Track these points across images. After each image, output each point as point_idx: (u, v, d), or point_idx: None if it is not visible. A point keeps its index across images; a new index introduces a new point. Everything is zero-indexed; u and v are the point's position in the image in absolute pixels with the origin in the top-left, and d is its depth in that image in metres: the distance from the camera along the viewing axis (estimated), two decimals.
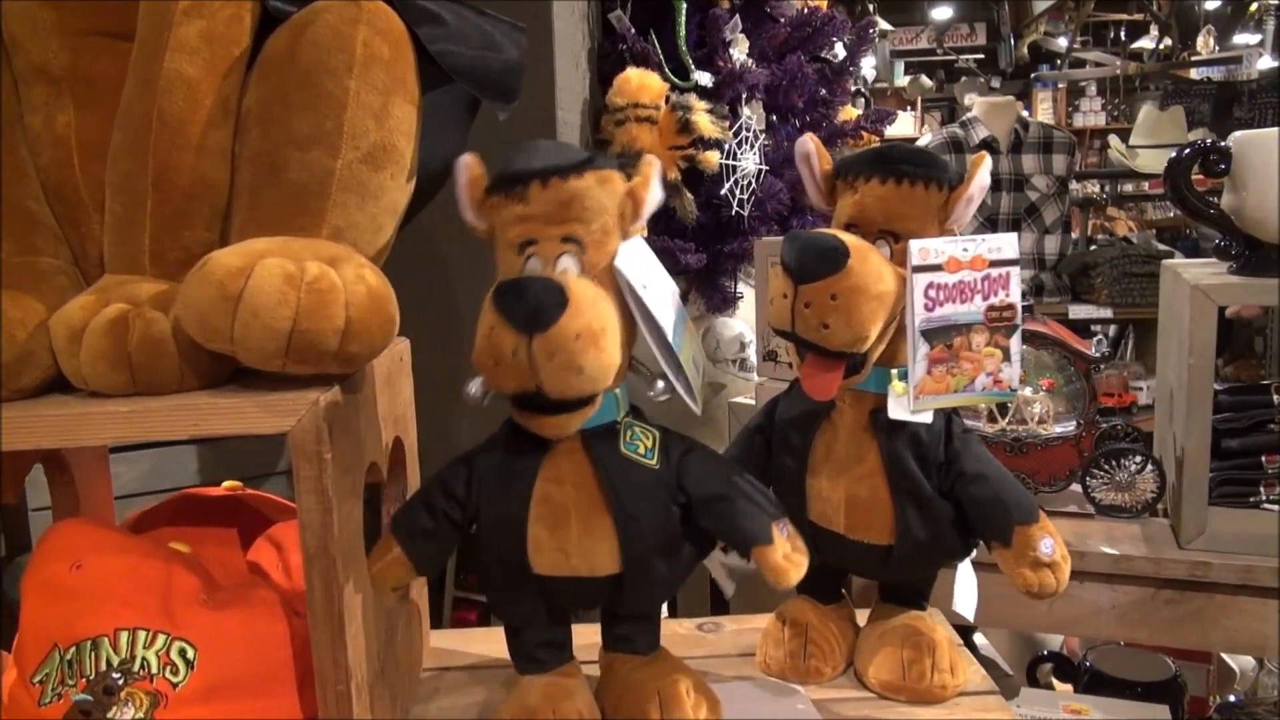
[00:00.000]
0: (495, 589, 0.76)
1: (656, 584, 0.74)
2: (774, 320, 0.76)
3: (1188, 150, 1.11)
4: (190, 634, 0.69)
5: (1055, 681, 1.54)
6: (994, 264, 0.76)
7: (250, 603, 0.73)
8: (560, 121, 1.29)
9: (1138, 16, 7.82)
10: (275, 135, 0.66)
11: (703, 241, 1.49)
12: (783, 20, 1.55)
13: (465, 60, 0.73)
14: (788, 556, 0.71)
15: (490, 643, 0.98)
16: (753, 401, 1.49)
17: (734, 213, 1.47)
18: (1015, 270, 0.76)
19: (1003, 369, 0.77)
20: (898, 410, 0.78)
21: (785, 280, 0.73)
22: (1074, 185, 3.98)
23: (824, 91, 1.61)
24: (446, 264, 1.30)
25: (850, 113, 1.61)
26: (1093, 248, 3.66)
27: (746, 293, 1.58)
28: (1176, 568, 1.12)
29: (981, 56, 8.14)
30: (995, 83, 7.88)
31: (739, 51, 1.51)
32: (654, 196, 0.71)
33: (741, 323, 1.52)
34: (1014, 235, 0.76)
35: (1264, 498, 1.18)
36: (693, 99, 1.40)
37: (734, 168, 1.45)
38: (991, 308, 0.76)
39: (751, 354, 1.52)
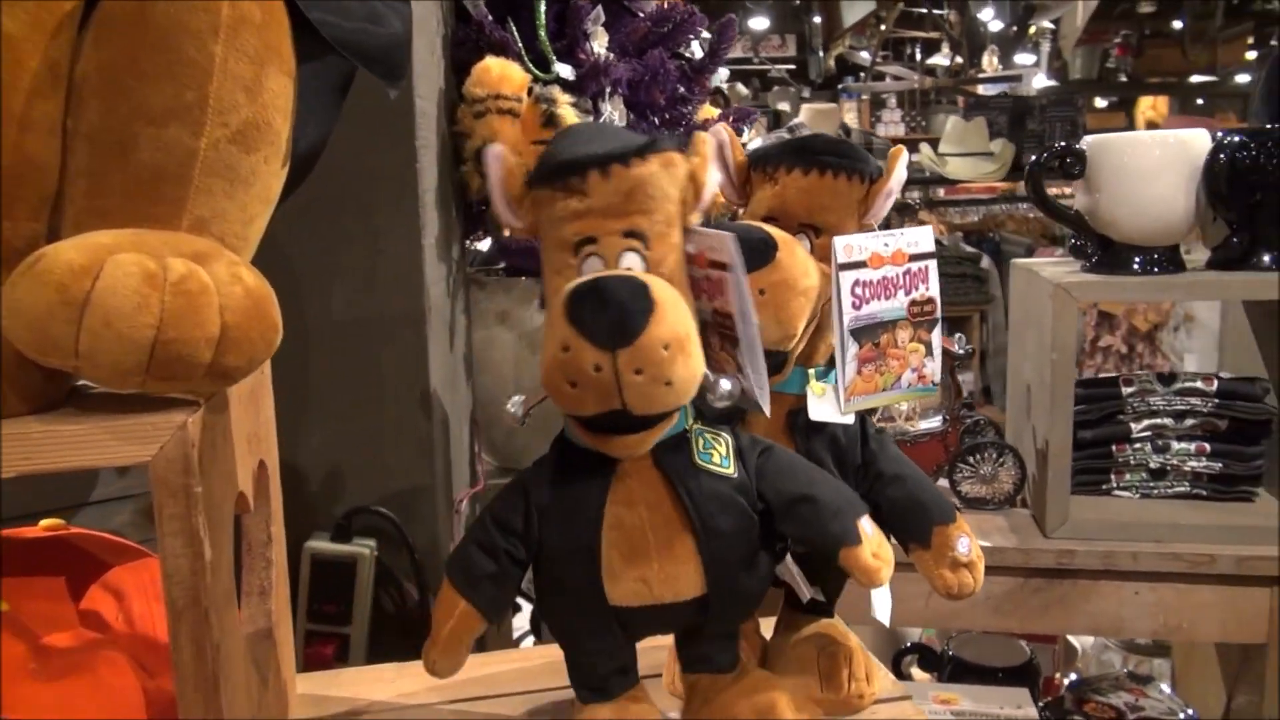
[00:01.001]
0: (566, 626, 0.69)
1: (743, 600, 0.69)
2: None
3: (1047, 154, 1.15)
4: (20, 714, 0.56)
5: (917, 672, 1.58)
6: (913, 258, 0.74)
7: (92, 666, 0.62)
8: (419, 111, 1.20)
9: (934, 35, 8.37)
10: (122, 109, 0.55)
11: None
12: (642, 15, 1.51)
13: (347, 31, 0.64)
14: (876, 554, 0.67)
15: (361, 684, 0.88)
16: None
17: None
18: (933, 264, 0.75)
19: (926, 364, 0.76)
20: (821, 411, 0.75)
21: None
22: None
23: (682, 90, 1.58)
24: (289, 257, 1.18)
25: (709, 112, 1.59)
26: None
27: None
28: (1044, 557, 1.15)
29: (793, 67, 8.48)
30: (805, 92, 8.24)
31: (599, 45, 1.45)
32: (715, 178, 0.66)
33: None
34: (929, 229, 0.75)
35: (1114, 484, 1.23)
36: (556, 92, 1.33)
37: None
38: (914, 302, 0.74)
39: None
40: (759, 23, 7.65)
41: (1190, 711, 1.35)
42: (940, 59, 8.57)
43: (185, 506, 0.53)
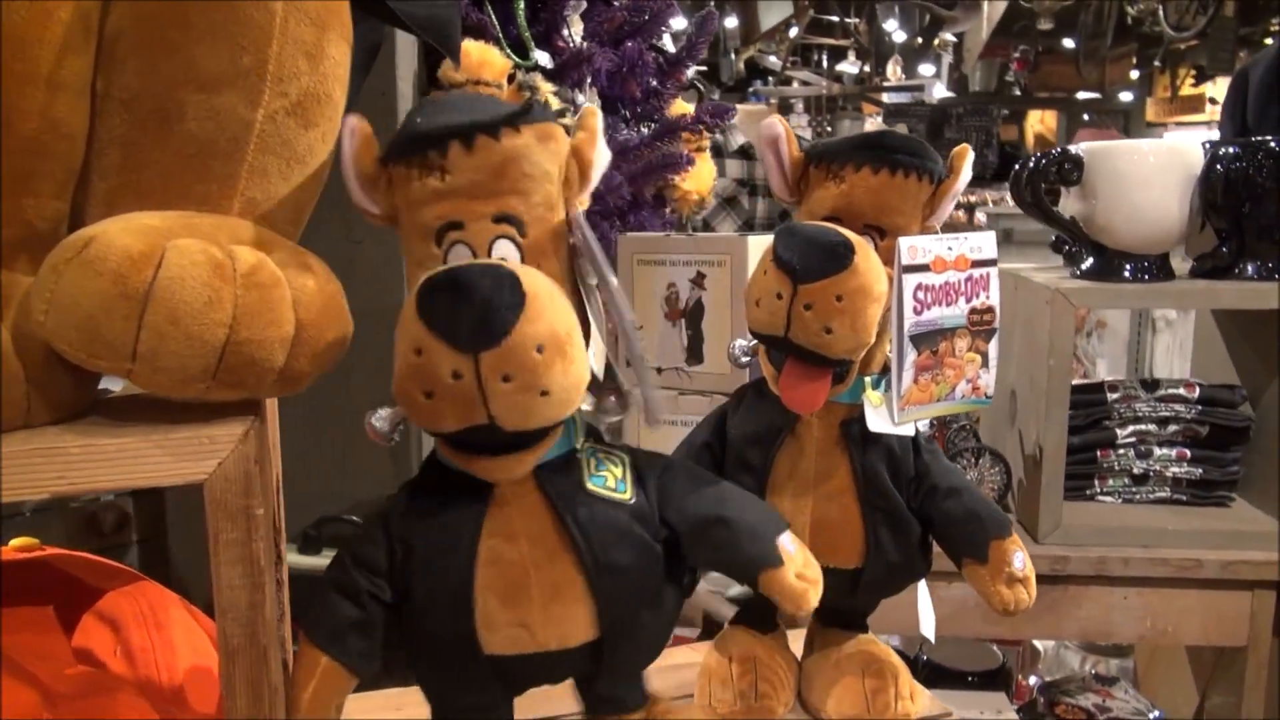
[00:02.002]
0: (433, 678, 0.60)
1: (645, 643, 0.62)
2: (761, 325, 0.66)
3: (1044, 159, 1.14)
4: None
5: None
6: (975, 264, 0.71)
7: (112, 710, 0.53)
8: (400, 95, 1.12)
9: (842, 42, 8.53)
10: (166, 71, 0.48)
11: None
12: (617, 4, 1.46)
13: (424, 8, 0.57)
14: (801, 574, 0.61)
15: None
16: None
17: None
18: (995, 271, 0.72)
19: (981, 375, 0.73)
20: (878, 422, 0.71)
21: (779, 279, 0.64)
22: None
23: (655, 83, 1.53)
24: None
25: (682, 107, 1.55)
26: None
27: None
28: (1038, 563, 1.13)
29: (705, 69, 8.52)
30: (715, 94, 8.28)
31: (575, 33, 1.40)
32: (603, 156, 0.58)
33: None
34: (992, 234, 0.73)
35: (1097, 490, 1.24)
36: (539, 79, 1.27)
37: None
38: (974, 310, 0.72)
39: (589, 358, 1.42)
40: (678, 22, 7.66)
41: (1158, 712, 1.38)
42: (847, 66, 8.75)
43: (246, 531, 0.46)
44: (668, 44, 1.58)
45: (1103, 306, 1.85)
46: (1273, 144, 1.08)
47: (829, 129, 8.22)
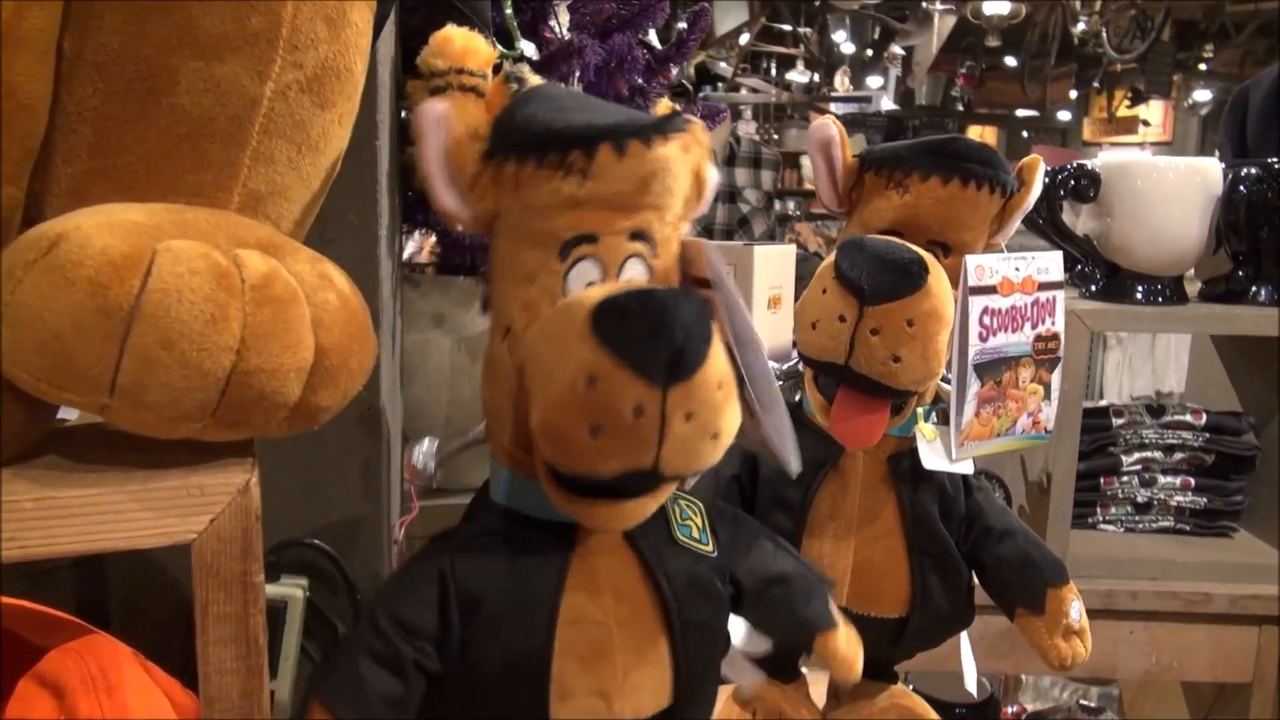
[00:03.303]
0: None
1: (708, 708, 0.55)
2: (818, 350, 0.59)
3: (1060, 174, 1.09)
4: None
5: None
6: (1043, 286, 0.65)
7: None
8: (380, 80, 1.03)
9: (793, 51, 8.57)
10: (156, 31, 0.38)
11: None
12: None
13: None
14: (849, 639, 0.57)
15: None
16: None
17: None
18: (1061, 295, 0.66)
19: (1043, 408, 0.67)
20: (933, 459, 0.65)
21: (843, 299, 0.57)
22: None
23: (641, 80, 1.46)
24: None
25: (668, 107, 1.48)
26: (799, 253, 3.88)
27: None
28: None
29: (680, 67, 8.48)
30: (666, 98, 8.25)
31: (562, 24, 1.31)
32: (715, 177, 0.53)
33: None
34: (1059, 255, 0.66)
35: (1100, 518, 1.20)
36: (527, 70, 1.18)
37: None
38: (1039, 337, 0.65)
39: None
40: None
41: None
42: (796, 75, 8.79)
43: (243, 604, 0.38)
44: (653, 40, 1.50)
45: (1117, 329, 1.82)
46: None
47: (775, 136, 8.25)
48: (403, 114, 1.20)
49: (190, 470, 0.37)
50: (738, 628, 0.57)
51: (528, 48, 1.26)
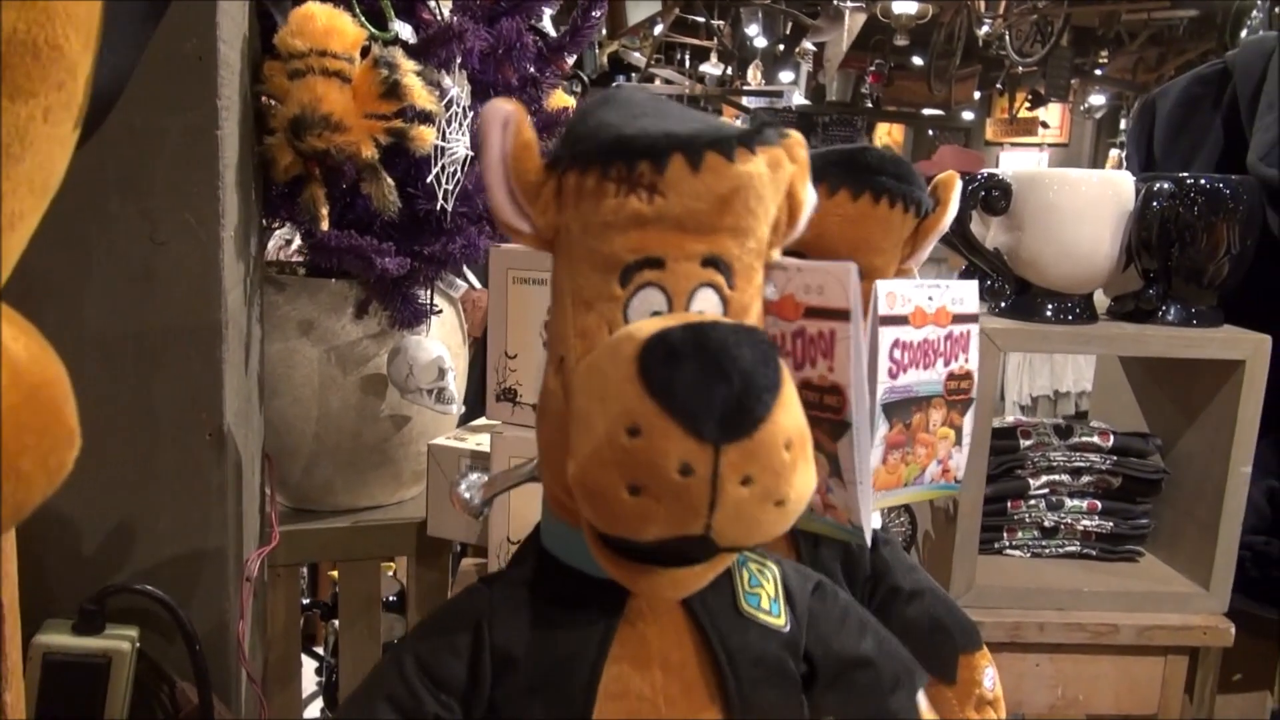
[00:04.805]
0: None
1: None
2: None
3: (971, 184, 1.03)
4: None
5: None
6: (957, 319, 0.58)
7: None
8: (221, 60, 0.90)
9: (706, 44, 8.54)
10: None
11: (396, 241, 1.16)
12: None
13: None
14: None
15: None
16: (455, 444, 1.20)
17: (437, 207, 1.16)
18: (975, 329, 0.59)
19: (954, 455, 0.60)
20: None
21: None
22: None
23: (533, 70, 1.35)
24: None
25: (563, 99, 1.38)
26: None
27: (445, 307, 1.28)
28: None
29: (576, 56, 8.38)
30: (577, 88, 8.15)
31: (444, 5, 1.20)
32: (812, 197, 0.47)
33: (439, 344, 1.21)
34: (974, 284, 0.59)
35: (1006, 543, 1.15)
36: (400, 56, 1.07)
37: (442, 150, 1.14)
38: (952, 375, 0.58)
39: (450, 383, 1.23)
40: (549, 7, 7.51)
41: None
42: (709, 68, 8.79)
43: None
44: (548, 27, 1.40)
45: (1027, 349, 1.79)
46: (1204, 182, 1.01)
47: None
48: (263, 99, 1.08)
49: None
50: None
51: (404, 30, 1.15)
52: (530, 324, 1.01)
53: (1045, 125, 9.19)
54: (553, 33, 1.40)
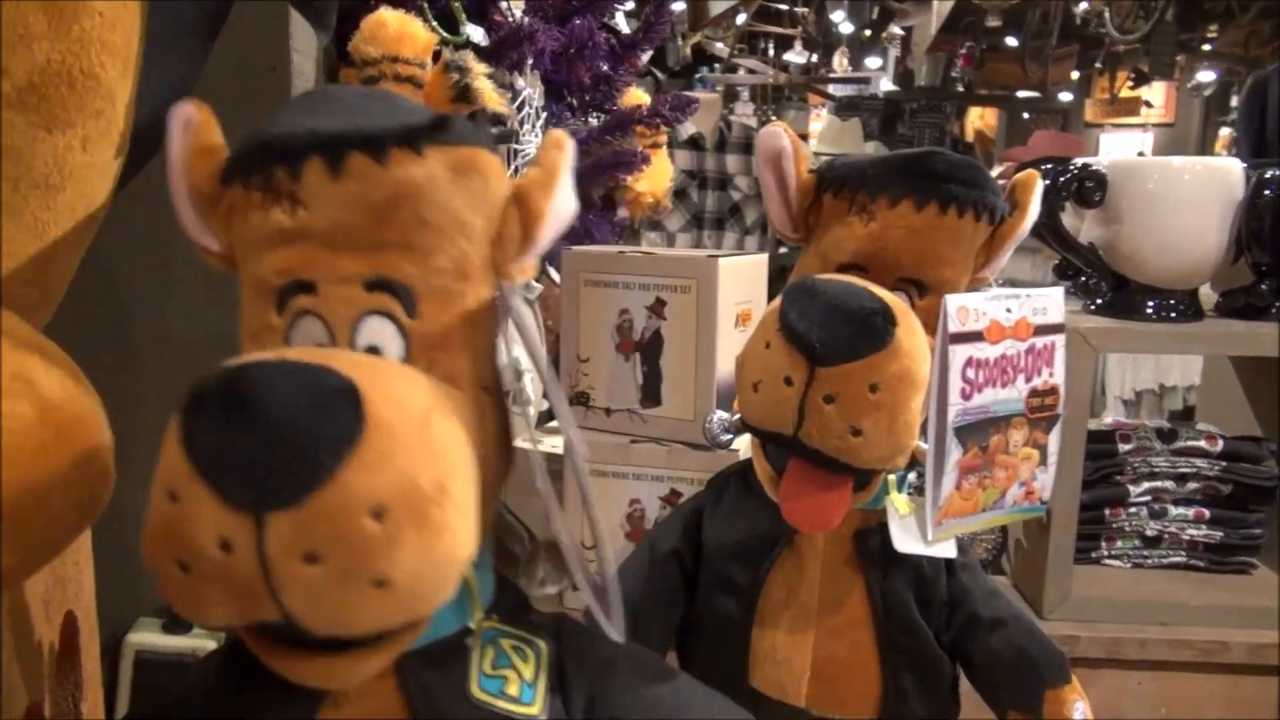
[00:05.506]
0: None
1: None
2: (760, 417, 0.48)
3: (1063, 176, 0.98)
4: None
5: None
6: (1039, 330, 0.54)
7: None
8: (295, 70, 0.91)
9: (790, 31, 8.41)
10: None
11: None
12: None
13: None
14: None
15: None
16: (531, 445, 1.19)
17: None
18: (1061, 339, 0.55)
19: (1038, 476, 0.56)
20: (906, 540, 0.54)
21: (790, 358, 0.46)
22: None
23: (606, 67, 1.34)
24: (107, 256, 0.88)
25: (637, 97, 1.36)
26: (781, 250, 3.76)
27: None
28: None
29: (650, 53, 8.34)
30: (662, 78, 8.13)
31: (515, 6, 1.19)
32: (562, 207, 0.40)
33: (516, 346, 1.21)
34: (1059, 291, 0.55)
35: (1105, 552, 1.09)
36: (470, 59, 1.06)
37: (515, 152, 1.14)
38: (1034, 392, 0.54)
39: (527, 385, 1.22)
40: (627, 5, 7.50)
41: None
42: (794, 56, 8.65)
43: None
44: (621, 24, 1.38)
45: (1126, 349, 1.70)
46: None
47: (773, 118, 8.11)
48: None
49: None
50: None
51: (475, 32, 1.14)
52: (602, 326, 0.99)
53: (1149, 105, 8.77)
54: (626, 30, 1.38)
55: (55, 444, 0.27)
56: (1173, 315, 0.99)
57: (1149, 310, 0.99)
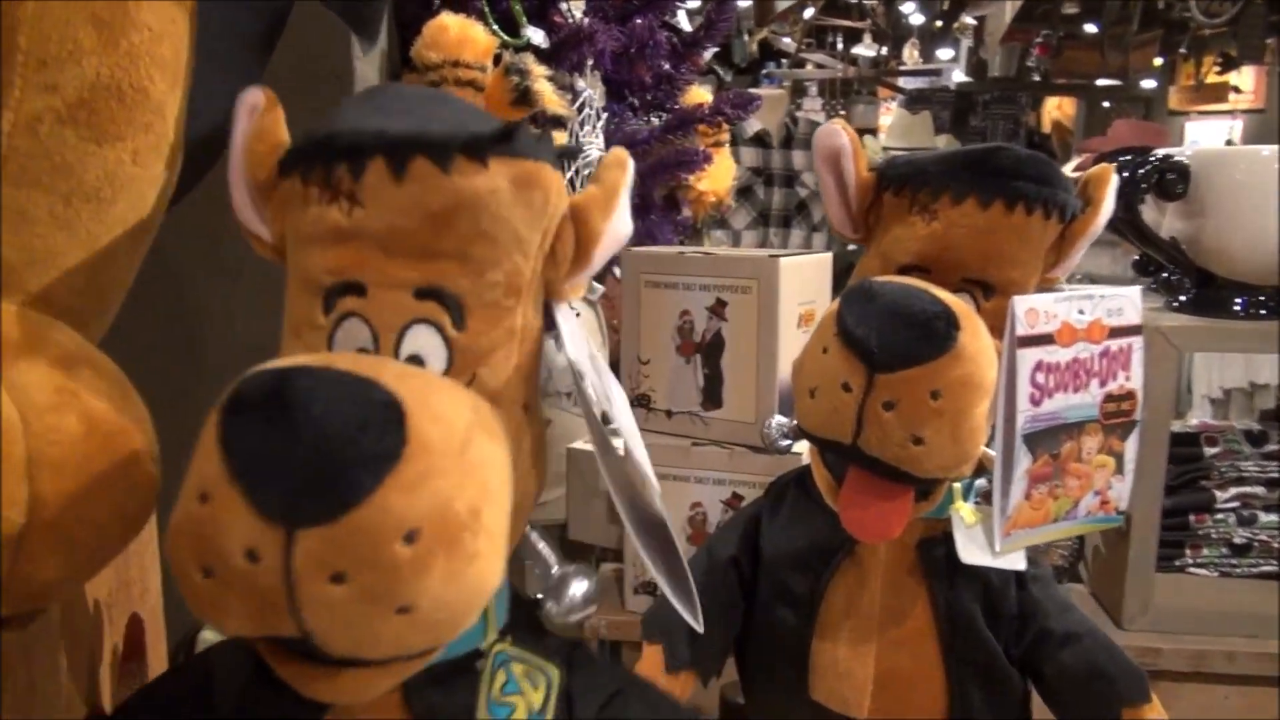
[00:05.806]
0: None
1: None
2: (818, 425, 0.47)
3: (1142, 168, 0.94)
4: None
5: None
6: (1114, 333, 0.51)
7: None
8: (359, 77, 0.92)
9: (859, 24, 8.28)
10: None
11: None
12: None
13: None
14: None
15: None
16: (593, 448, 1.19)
17: None
18: (1139, 341, 0.52)
19: (1113, 485, 0.53)
20: (972, 550, 0.52)
21: (848, 363, 0.44)
22: None
23: (667, 66, 1.33)
24: (178, 266, 0.90)
25: (698, 95, 1.35)
26: (850, 247, 3.72)
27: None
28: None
29: (717, 49, 8.30)
30: (728, 76, 8.08)
31: (575, 7, 1.19)
32: (619, 228, 0.39)
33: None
34: (1136, 291, 0.52)
35: (1190, 560, 1.05)
36: (530, 61, 1.06)
37: (576, 153, 1.14)
38: (1109, 397, 0.52)
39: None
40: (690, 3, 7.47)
41: None
42: (863, 49, 8.51)
43: None
44: (683, 22, 1.37)
45: (1210, 349, 1.63)
46: None
47: (842, 113, 8.00)
48: None
49: None
50: None
51: (535, 35, 1.15)
52: (663, 328, 0.99)
53: (1238, 90, 8.41)
54: (688, 28, 1.37)
55: (100, 455, 0.28)
56: (1262, 313, 0.94)
57: (1236, 307, 0.95)
